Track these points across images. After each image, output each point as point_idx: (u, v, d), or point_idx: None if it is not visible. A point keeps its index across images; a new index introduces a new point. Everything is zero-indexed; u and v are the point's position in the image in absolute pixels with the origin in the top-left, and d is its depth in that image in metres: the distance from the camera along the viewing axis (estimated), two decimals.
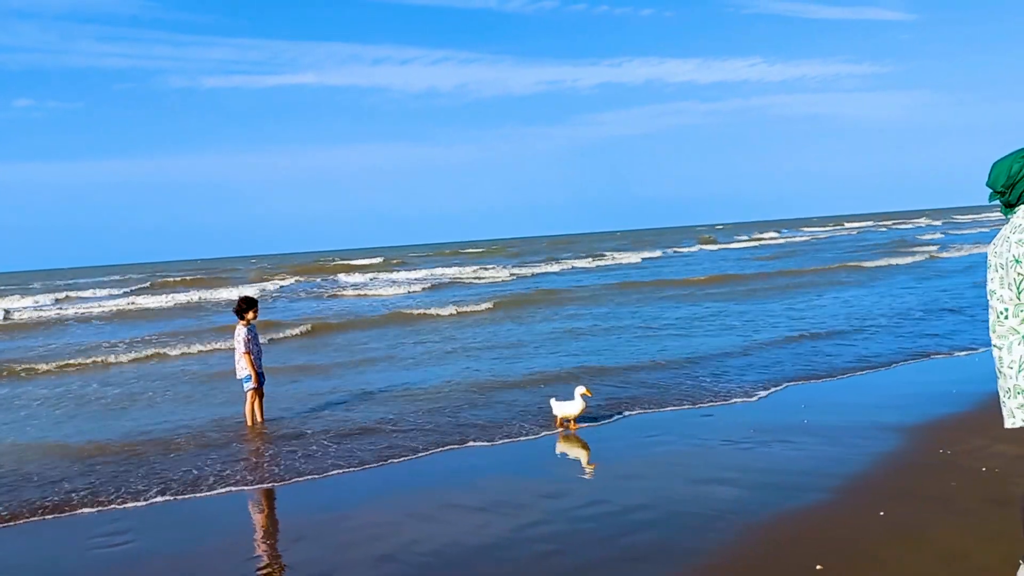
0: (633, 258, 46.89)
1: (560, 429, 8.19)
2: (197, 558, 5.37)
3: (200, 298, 31.35)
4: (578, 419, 8.27)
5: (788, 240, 61.47)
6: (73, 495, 6.91)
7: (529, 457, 7.42)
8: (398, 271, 46.67)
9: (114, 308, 28.91)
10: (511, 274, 37.17)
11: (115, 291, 40.86)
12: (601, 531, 5.31)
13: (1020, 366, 3.61)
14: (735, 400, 9.05)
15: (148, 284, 45.32)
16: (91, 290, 42.87)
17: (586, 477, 6.73)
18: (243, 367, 9.12)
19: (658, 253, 51.09)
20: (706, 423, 8.12)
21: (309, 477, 7.13)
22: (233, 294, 29.40)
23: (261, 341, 9.73)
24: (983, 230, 51.52)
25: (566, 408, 8.24)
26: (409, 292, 29.75)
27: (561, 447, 7.66)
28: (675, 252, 51.62)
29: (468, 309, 21.42)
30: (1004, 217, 3.78)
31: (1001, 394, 3.77)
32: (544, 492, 6.28)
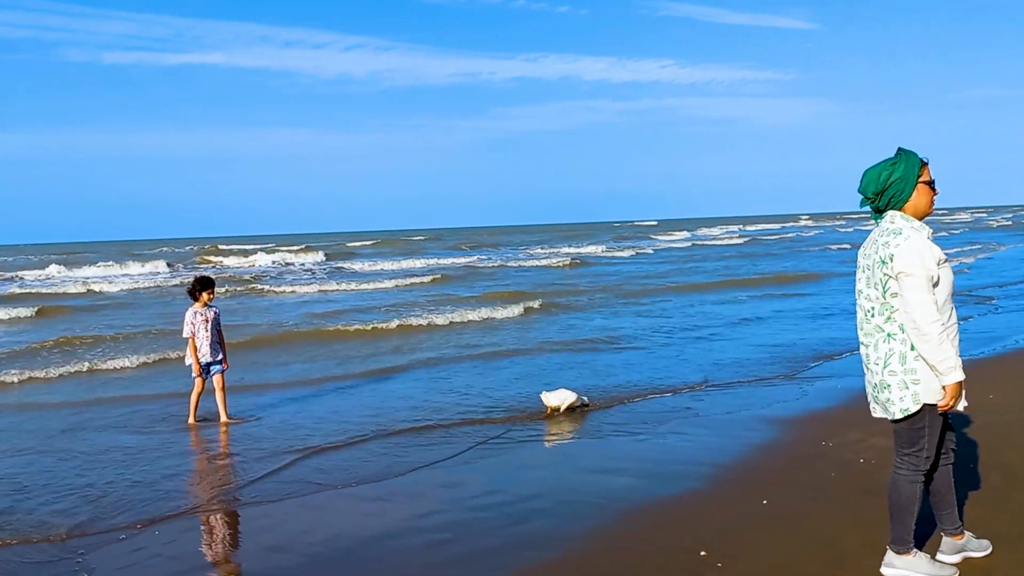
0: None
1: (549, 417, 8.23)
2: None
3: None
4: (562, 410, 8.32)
5: (696, 244, 62.69)
6: None
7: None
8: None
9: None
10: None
11: (152, 267, 38.61)
12: (493, 520, 5.36)
13: (885, 362, 3.82)
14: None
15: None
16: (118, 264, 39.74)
17: (485, 469, 6.75)
18: (188, 354, 8.53)
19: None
20: (601, 416, 8.27)
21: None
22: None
23: None
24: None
25: (560, 397, 8.31)
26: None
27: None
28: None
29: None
30: (875, 222, 3.99)
31: (868, 388, 4.01)
32: (442, 483, 6.29)
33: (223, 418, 8.49)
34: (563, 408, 8.29)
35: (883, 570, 4.07)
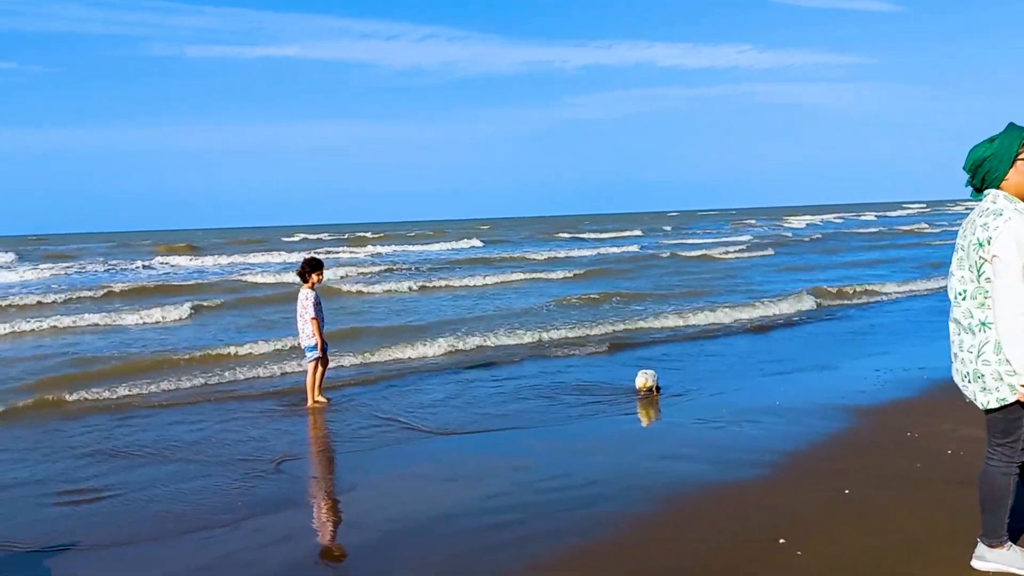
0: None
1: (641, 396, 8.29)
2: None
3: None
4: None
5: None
6: None
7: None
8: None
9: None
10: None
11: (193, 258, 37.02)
12: (560, 503, 5.31)
13: (979, 352, 3.61)
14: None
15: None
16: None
17: (552, 452, 6.68)
18: (308, 334, 8.55)
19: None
20: (679, 403, 8.11)
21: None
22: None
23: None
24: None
25: (647, 377, 8.38)
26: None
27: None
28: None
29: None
30: (976, 202, 3.77)
31: (957, 378, 3.80)
32: (511, 465, 6.26)
33: (312, 401, 8.56)
34: (647, 388, 8.30)
35: (974, 563, 3.86)
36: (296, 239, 62.23)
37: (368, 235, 63.79)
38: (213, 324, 15.32)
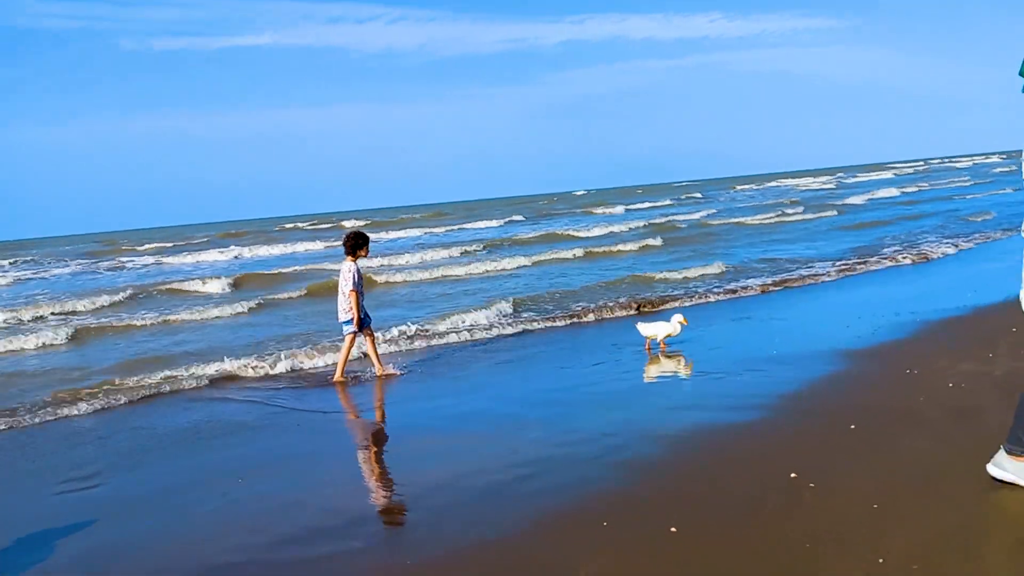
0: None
1: (648, 351, 8.39)
2: None
3: None
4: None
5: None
6: None
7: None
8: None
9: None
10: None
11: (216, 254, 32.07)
12: (578, 455, 5.40)
13: None
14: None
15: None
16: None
17: (567, 406, 6.77)
18: (346, 308, 8.38)
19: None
20: (682, 356, 8.22)
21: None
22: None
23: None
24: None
25: (655, 328, 8.46)
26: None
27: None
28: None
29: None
30: None
31: None
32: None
33: (380, 371, 8.48)
34: (662, 338, 8.44)
35: (989, 468, 3.89)
36: (327, 226, 56.41)
37: (414, 216, 59.94)
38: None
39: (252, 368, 9.13)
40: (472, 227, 39.74)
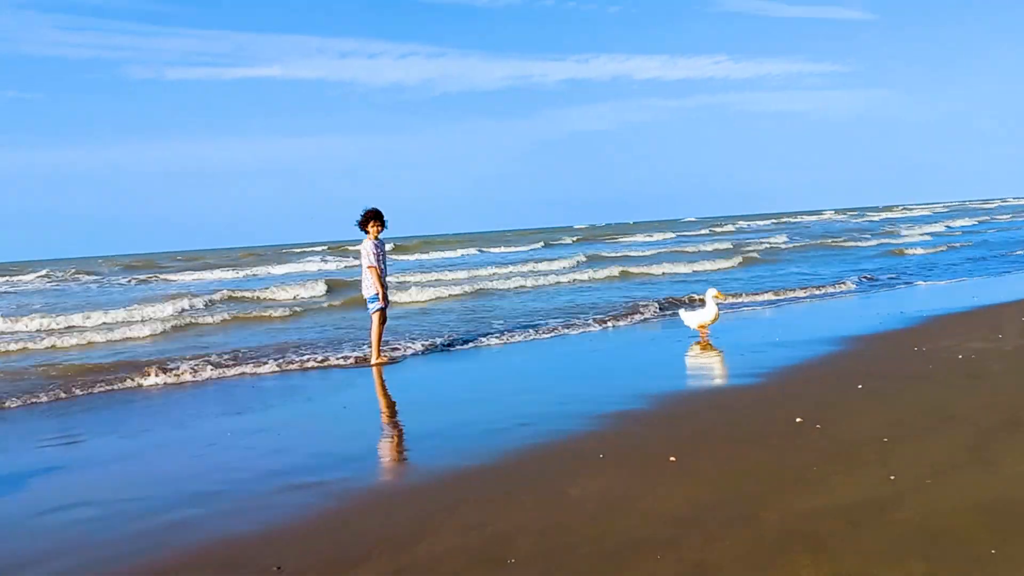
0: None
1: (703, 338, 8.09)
2: None
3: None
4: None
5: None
6: None
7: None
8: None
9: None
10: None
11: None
12: (585, 410, 5.28)
13: None
14: None
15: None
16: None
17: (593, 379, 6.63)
18: (369, 284, 8.13)
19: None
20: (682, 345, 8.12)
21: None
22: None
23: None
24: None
25: (699, 317, 8.17)
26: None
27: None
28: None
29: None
30: None
31: None
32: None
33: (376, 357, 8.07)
34: (706, 325, 8.17)
35: None
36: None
37: (448, 240, 56.74)
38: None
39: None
40: (511, 251, 37.48)
